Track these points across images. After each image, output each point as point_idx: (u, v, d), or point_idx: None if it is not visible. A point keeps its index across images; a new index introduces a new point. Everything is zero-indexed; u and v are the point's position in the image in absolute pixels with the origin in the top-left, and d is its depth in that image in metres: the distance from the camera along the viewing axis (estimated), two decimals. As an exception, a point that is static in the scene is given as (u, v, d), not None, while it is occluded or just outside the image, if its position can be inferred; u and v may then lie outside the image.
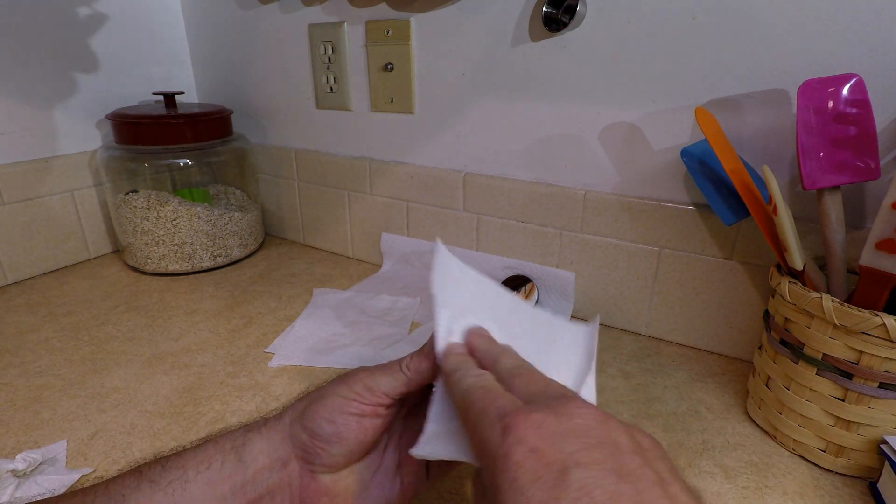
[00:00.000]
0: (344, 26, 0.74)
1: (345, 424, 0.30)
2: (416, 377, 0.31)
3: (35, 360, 0.59)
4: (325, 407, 0.31)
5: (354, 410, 0.30)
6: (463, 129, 0.70)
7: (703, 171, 0.51)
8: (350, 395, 0.31)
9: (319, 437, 0.30)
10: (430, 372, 0.31)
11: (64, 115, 0.80)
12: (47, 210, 0.79)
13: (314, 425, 0.30)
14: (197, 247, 0.80)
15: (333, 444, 0.30)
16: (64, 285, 0.77)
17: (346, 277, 0.80)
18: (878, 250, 0.39)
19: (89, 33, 0.81)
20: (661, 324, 0.63)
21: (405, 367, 0.32)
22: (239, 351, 0.61)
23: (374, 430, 0.31)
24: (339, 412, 0.30)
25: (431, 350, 0.31)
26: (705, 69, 0.53)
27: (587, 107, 0.60)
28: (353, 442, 0.30)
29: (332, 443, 0.30)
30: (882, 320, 0.37)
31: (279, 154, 0.89)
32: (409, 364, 0.32)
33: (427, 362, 0.31)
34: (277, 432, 0.31)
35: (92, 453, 0.45)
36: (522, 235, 0.69)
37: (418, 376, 0.31)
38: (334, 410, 0.30)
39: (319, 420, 0.30)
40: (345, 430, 0.30)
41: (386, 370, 0.32)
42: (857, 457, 0.42)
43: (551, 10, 0.57)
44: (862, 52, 0.46)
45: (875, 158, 0.42)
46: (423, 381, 0.31)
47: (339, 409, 0.30)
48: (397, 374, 0.31)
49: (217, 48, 0.90)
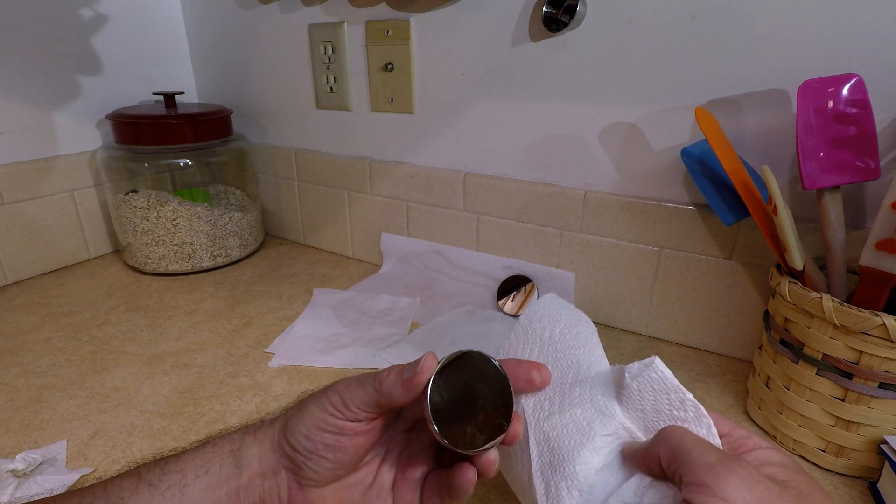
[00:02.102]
0: (344, 26, 0.74)
1: (322, 442, 0.28)
2: (385, 400, 0.28)
3: (35, 360, 0.59)
4: (302, 422, 0.29)
5: (330, 428, 0.28)
6: (463, 129, 0.70)
7: (703, 171, 0.51)
8: (327, 408, 0.29)
9: (299, 451, 0.29)
10: (402, 400, 0.28)
11: (64, 115, 0.80)
12: (47, 210, 0.79)
13: (293, 439, 0.29)
14: (197, 247, 0.80)
15: (313, 459, 0.29)
16: (64, 285, 0.77)
17: (346, 277, 0.80)
18: (878, 250, 0.39)
19: (89, 33, 0.81)
20: (661, 324, 0.63)
21: (377, 381, 0.29)
22: (239, 351, 0.61)
23: (356, 448, 0.29)
24: (317, 428, 0.29)
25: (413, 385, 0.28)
26: (705, 69, 0.53)
27: (587, 107, 0.60)
28: (333, 460, 0.29)
29: (311, 458, 0.29)
30: (882, 320, 0.37)
31: (279, 154, 0.89)
32: (384, 379, 0.28)
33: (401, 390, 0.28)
34: (268, 439, 0.30)
35: (92, 453, 0.45)
36: (522, 235, 0.69)
37: (388, 399, 0.28)
38: (312, 426, 0.29)
39: (298, 434, 0.29)
40: (321, 448, 0.29)
41: (360, 382, 0.29)
42: (857, 457, 0.42)
43: (551, 10, 0.57)
44: (862, 52, 0.46)
45: (875, 158, 0.42)
46: (393, 404, 0.28)
47: (316, 424, 0.29)
48: (367, 388, 0.29)
49: (217, 48, 0.90)
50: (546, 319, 0.36)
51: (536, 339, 0.35)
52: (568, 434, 0.29)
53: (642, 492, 0.25)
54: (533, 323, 0.36)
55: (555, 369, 0.32)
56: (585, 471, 0.27)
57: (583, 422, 0.29)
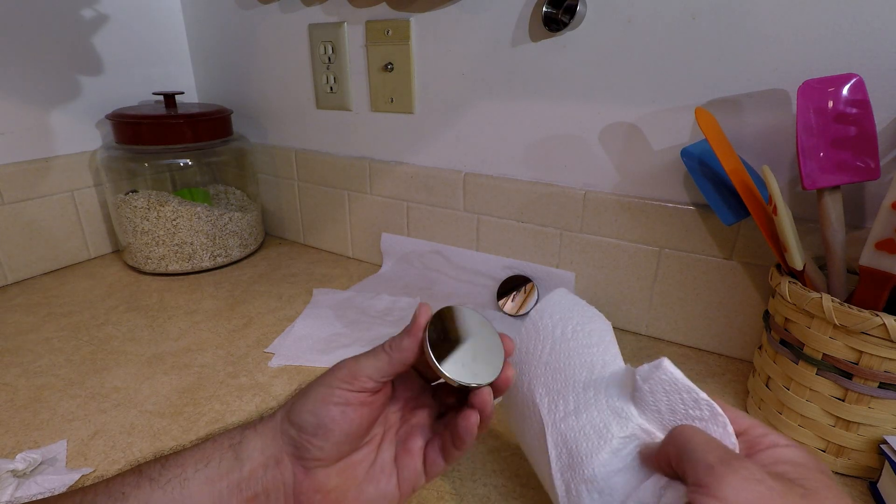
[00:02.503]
0: (344, 26, 0.74)
1: (328, 416, 0.30)
2: (399, 354, 0.31)
3: (35, 360, 0.59)
4: (308, 399, 0.31)
5: (338, 400, 0.30)
6: (463, 129, 0.70)
7: (703, 171, 0.51)
8: (333, 384, 0.31)
9: (305, 430, 0.30)
10: (412, 348, 0.31)
11: (64, 115, 0.80)
12: (47, 210, 0.79)
13: (299, 419, 0.31)
14: (197, 247, 0.80)
15: (319, 436, 0.30)
16: (64, 285, 0.77)
17: (346, 277, 0.80)
18: (878, 250, 0.39)
19: (89, 33, 0.81)
20: (661, 324, 0.63)
21: (387, 347, 0.32)
22: (239, 351, 0.61)
23: (360, 420, 0.31)
24: (322, 403, 0.30)
25: (415, 330, 0.31)
26: (705, 69, 0.53)
27: (587, 107, 0.60)
28: (339, 433, 0.30)
29: (317, 435, 0.30)
30: (882, 320, 0.37)
31: (279, 154, 0.89)
32: (392, 343, 0.32)
33: (408, 338, 0.31)
34: (270, 429, 0.31)
35: (92, 453, 0.45)
36: (522, 235, 0.69)
37: (400, 353, 0.31)
38: (317, 401, 0.30)
39: (304, 413, 0.30)
40: (329, 422, 0.30)
41: (369, 354, 0.32)
42: (857, 457, 0.42)
43: (551, 10, 0.57)
44: (862, 52, 0.46)
45: (875, 158, 0.42)
46: (406, 359, 0.31)
47: (321, 399, 0.30)
48: (380, 355, 0.31)
49: (217, 48, 0.90)
50: (557, 316, 0.35)
51: (548, 336, 0.35)
52: (585, 436, 0.29)
53: (660, 492, 0.25)
54: (544, 319, 0.36)
55: (567, 368, 0.32)
56: (605, 473, 0.27)
57: (600, 424, 0.29)
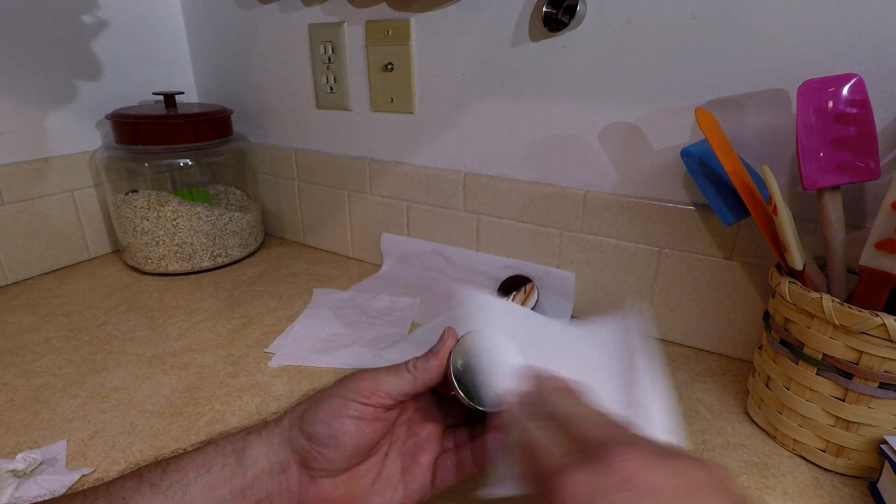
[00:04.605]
0: (344, 26, 0.74)
1: (341, 428, 0.30)
2: (424, 376, 0.31)
3: (35, 360, 0.59)
4: (322, 410, 0.30)
5: (353, 413, 0.30)
6: (463, 129, 0.70)
7: (703, 171, 0.51)
8: (350, 396, 0.30)
9: (316, 440, 0.30)
10: (438, 371, 0.31)
11: (64, 115, 0.80)
12: (47, 210, 0.79)
13: (311, 429, 0.30)
14: (197, 247, 0.80)
15: (330, 447, 0.30)
16: (64, 285, 0.77)
17: (346, 277, 0.80)
18: (878, 250, 0.39)
19: (89, 33, 0.81)
20: (661, 324, 0.63)
21: (412, 367, 0.32)
22: (239, 351, 0.61)
23: (373, 434, 0.31)
24: (337, 415, 0.30)
25: (442, 352, 0.32)
26: (705, 69, 0.53)
27: (587, 107, 0.60)
28: (351, 446, 0.30)
29: (328, 446, 0.30)
30: (882, 320, 0.37)
31: (279, 154, 0.89)
32: (416, 364, 0.32)
33: (435, 360, 0.32)
34: (276, 436, 0.31)
35: (92, 453, 0.45)
36: (522, 235, 0.69)
37: (425, 375, 0.31)
38: (331, 413, 0.30)
39: (317, 423, 0.30)
40: (341, 434, 0.30)
41: (391, 371, 0.32)
42: (857, 457, 0.42)
43: (551, 10, 0.57)
44: (862, 52, 0.46)
45: (875, 158, 0.42)
46: (430, 381, 0.32)
47: (336, 411, 0.30)
48: (403, 374, 0.31)
49: (217, 48, 0.90)
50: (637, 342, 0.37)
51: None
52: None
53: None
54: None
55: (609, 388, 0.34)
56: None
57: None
